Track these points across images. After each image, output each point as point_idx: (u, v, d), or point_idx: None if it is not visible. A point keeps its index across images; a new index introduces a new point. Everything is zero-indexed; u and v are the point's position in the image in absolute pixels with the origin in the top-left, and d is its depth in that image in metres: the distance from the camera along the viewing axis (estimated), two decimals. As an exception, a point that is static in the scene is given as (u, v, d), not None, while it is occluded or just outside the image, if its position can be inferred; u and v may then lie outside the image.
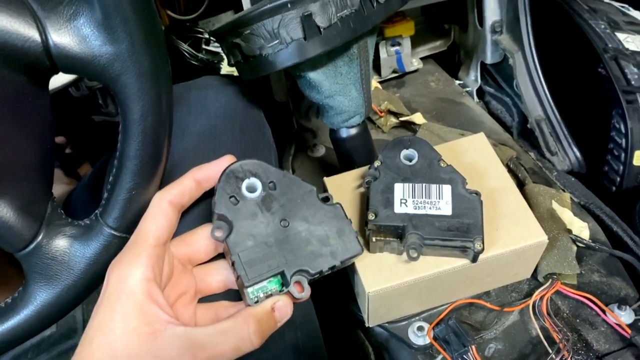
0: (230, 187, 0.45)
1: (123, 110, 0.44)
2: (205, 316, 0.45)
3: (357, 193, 0.62)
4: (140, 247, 0.41)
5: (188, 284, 0.45)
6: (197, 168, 0.46)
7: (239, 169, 0.46)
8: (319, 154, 0.88)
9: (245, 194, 0.45)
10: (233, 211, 0.45)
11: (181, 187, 0.45)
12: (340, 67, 0.61)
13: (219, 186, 0.45)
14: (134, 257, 0.40)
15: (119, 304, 0.38)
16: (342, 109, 0.64)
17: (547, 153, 0.83)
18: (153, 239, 0.41)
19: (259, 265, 0.43)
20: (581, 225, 0.69)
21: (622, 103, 0.79)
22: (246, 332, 0.40)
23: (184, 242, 0.46)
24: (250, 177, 0.46)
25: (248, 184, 0.46)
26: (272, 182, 0.46)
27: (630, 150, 0.79)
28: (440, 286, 0.58)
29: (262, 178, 0.46)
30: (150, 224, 0.42)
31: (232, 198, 0.45)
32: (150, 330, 0.38)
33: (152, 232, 0.42)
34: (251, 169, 0.46)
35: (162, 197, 0.44)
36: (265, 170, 0.47)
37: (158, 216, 0.43)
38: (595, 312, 0.61)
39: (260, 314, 0.41)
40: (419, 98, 0.98)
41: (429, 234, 0.53)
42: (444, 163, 0.57)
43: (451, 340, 0.58)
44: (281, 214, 0.46)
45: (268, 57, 0.55)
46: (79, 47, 0.40)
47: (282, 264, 0.44)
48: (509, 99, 0.95)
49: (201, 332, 0.39)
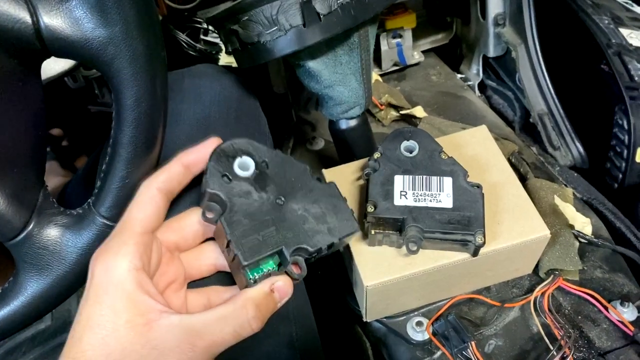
0: (222, 166, 0.44)
1: (116, 96, 0.43)
2: (197, 302, 0.44)
3: (357, 185, 0.61)
4: (127, 236, 0.39)
5: (177, 271, 0.44)
6: (185, 152, 0.44)
7: (231, 148, 0.44)
8: (318, 147, 0.86)
9: (238, 172, 0.44)
10: (226, 190, 0.43)
11: (169, 172, 0.42)
12: (340, 56, 0.59)
13: (210, 165, 0.43)
14: (120, 246, 0.38)
15: (107, 297, 0.37)
16: (341, 100, 0.63)
17: (549, 148, 0.82)
18: (140, 226, 0.40)
19: (256, 244, 0.42)
20: (584, 221, 0.68)
21: (625, 99, 0.78)
22: (245, 317, 0.39)
23: (171, 229, 0.44)
24: (242, 155, 0.44)
25: (240, 162, 0.44)
26: (265, 161, 0.45)
27: (632, 147, 0.78)
28: (440, 281, 0.57)
29: (255, 157, 0.45)
30: (136, 211, 0.40)
31: (225, 177, 0.43)
32: (144, 321, 0.36)
33: (139, 220, 0.40)
34: (243, 147, 0.45)
35: (150, 184, 0.42)
36: (257, 149, 0.45)
37: (146, 203, 0.41)
38: (597, 308, 0.60)
39: (258, 297, 0.40)
40: (420, 91, 0.97)
41: (429, 226, 0.52)
42: (445, 155, 0.56)
43: (450, 336, 0.57)
44: (276, 192, 0.44)
45: (266, 44, 0.54)
46: (71, 30, 0.39)
47: (280, 242, 0.43)
48: (511, 93, 0.94)
49: (198, 319, 0.38)
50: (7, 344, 0.69)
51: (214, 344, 0.38)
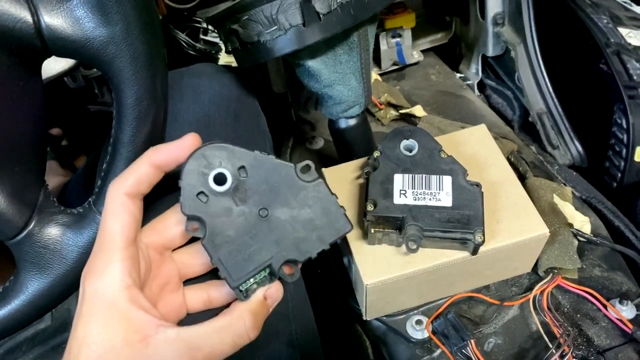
0: (195, 184, 0.40)
1: (117, 95, 0.43)
2: (197, 299, 0.44)
3: (356, 184, 0.61)
4: (110, 253, 0.37)
5: (170, 272, 0.43)
6: (154, 150, 0.40)
7: (202, 160, 0.41)
8: (318, 146, 0.87)
9: (214, 188, 0.41)
10: (204, 210, 0.40)
11: (136, 175, 0.39)
12: (339, 55, 0.60)
13: (183, 184, 0.40)
14: (106, 265, 0.37)
15: (101, 316, 0.36)
16: (341, 99, 0.63)
17: (548, 147, 0.82)
18: (121, 239, 0.38)
19: (243, 264, 0.41)
20: (582, 220, 0.68)
21: (624, 98, 0.78)
22: (243, 328, 0.39)
23: (156, 230, 0.42)
24: (216, 167, 0.41)
25: (216, 176, 0.41)
26: (243, 166, 0.42)
27: (631, 146, 0.78)
28: (439, 279, 0.57)
29: (230, 165, 0.41)
30: (113, 223, 0.38)
31: (201, 195, 0.41)
32: (140, 338, 0.36)
33: (118, 232, 0.38)
34: (217, 156, 0.41)
35: (117, 190, 0.39)
36: (232, 155, 0.41)
37: (119, 212, 0.38)
38: (596, 307, 0.60)
39: (254, 307, 0.40)
40: (420, 91, 0.97)
41: (428, 225, 0.53)
42: (444, 154, 0.56)
43: (450, 335, 0.57)
44: (258, 202, 0.42)
45: (266, 43, 0.54)
46: (71, 29, 0.39)
47: (268, 257, 0.41)
48: (510, 92, 0.94)
49: (196, 332, 0.38)
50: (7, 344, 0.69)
51: (213, 356, 0.38)
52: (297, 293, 0.54)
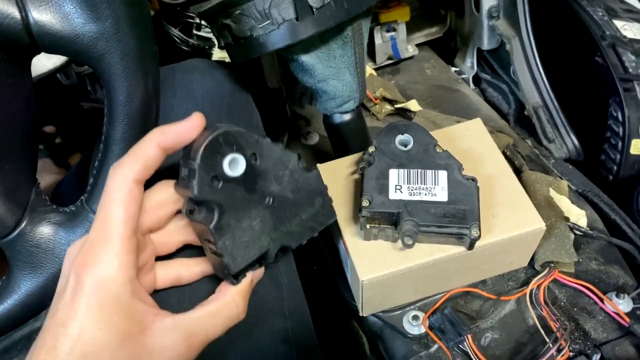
0: (211, 166, 0.39)
1: (108, 92, 0.42)
2: (165, 277, 0.43)
3: (352, 180, 0.61)
4: (114, 243, 0.35)
5: (149, 253, 0.41)
6: (161, 132, 0.38)
7: (220, 142, 0.39)
8: (313, 141, 0.86)
9: (227, 172, 0.40)
10: (215, 195, 0.39)
11: (145, 159, 0.37)
12: (333, 49, 0.59)
13: (199, 166, 0.38)
14: (109, 257, 0.35)
15: (104, 312, 0.35)
16: (335, 94, 0.63)
17: (544, 140, 0.82)
18: (125, 229, 0.36)
19: (245, 250, 0.41)
20: (579, 213, 0.68)
21: (619, 91, 0.77)
22: (235, 311, 0.40)
23: (144, 211, 0.39)
24: (232, 151, 0.40)
25: (231, 160, 0.40)
26: (254, 153, 0.41)
27: (627, 138, 0.78)
28: (435, 274, 0.57)
29: (245, 150, 0.40)
30: (118, 211, 0.36)
31: (214, 179, 0.39)
32: (139, 330, 0.35)
33: (122, 222, 0.36)
34: (231, 141, 0.40)
35: (126, 176, 0.36)
36: (247, 139, 0.40)
37: (127, 201, 0.36)
38: (593, 300, 0.60)
39: (245, 290, 0.41)
40: (415, 85, 0.97)
41: (424, 220, 0.52)
42: (439, 148, 0.56)
43: (447, 330, 0.57)
44: (264, 190, 0.41)
45: (259, 38, 0.54)
46: (60, 25, 0.39)
47: (267, 244, 0.42)
48: (505, 86, 0.94)
49: (191, 318, 0.38)
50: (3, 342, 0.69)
51: (207, 340, 0.38)
52: (293, 289, 0.53)
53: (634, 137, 0.78)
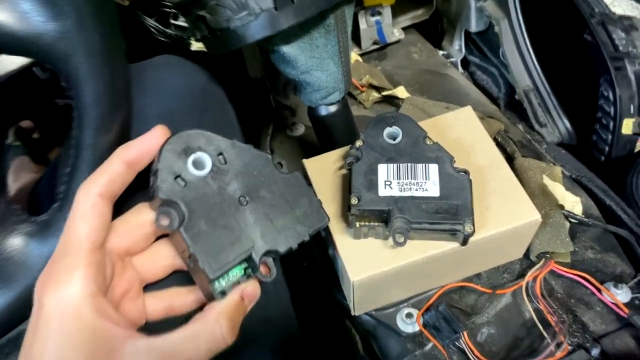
0: (174, 166, 0.38)
1: (76, 94, 0.40)
2: (157, 307, 0.41)
3: (339, 175, 0.58)
4: (76, 257, 0.34)
5: (131, 279, 0.40)
6: (125, 147, 0.38)
7: (181, 143, 0.39)
8: (299, 132, 0.83)
9: (193, 172, 0.39)
10: (182, 194, 0.38)
11: (109, 174, 0.37)
12: (316, 39, 0.56)
13: (159, 166, 0.38)
14: (70, 270, 0.34)
15: (63, 331, 0.32)
16: (320, 85, 0.60)
17: (536, 125, 0.80)
18: (88, 243, 0.35)
19: (223, 253, 0.38)
20: (574, 200, 0.66)
21: (610, 70, 0.76)
22: (219, 333, 0.36)
23: (119, 233, 0.39)
24: (195, 151, 0.39)
25: (195, 159, 0.39)
26: (222, 153, 0.41)
27: (618, 118, 0.76)
28: (428, 271, 0.55)
29: (210, 151, 0.40)
30: (81, 225, 0.35)
31: (178, 179, 0.38)
32: (106, 352, 0.33)
33: (85, 236, 0.35)
34: (195, 141, 0.40)
35: (89, 190, 0.36)
36: (211, 141, 0.40)
37: (89, 214, 0.35)
38: (590, 291, 0.59)
39: (230, 310, 0.37)
40: (402, 70, 0.94)
41: (415, 217, 0.50)
42: (430, 140, 0.54)
43: (442, 327, 0.56)
44: (238, 189, 0.40)
45: (236, 30, 0.50)
46: (19, 25, 0.36)
47: (249, 246, 0.39)
48: (495, 69, 0.91)
49: (169, 341, 0.35)
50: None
51: None
52: (280, 295, 0.51)
53: (626, 116, 0.76)
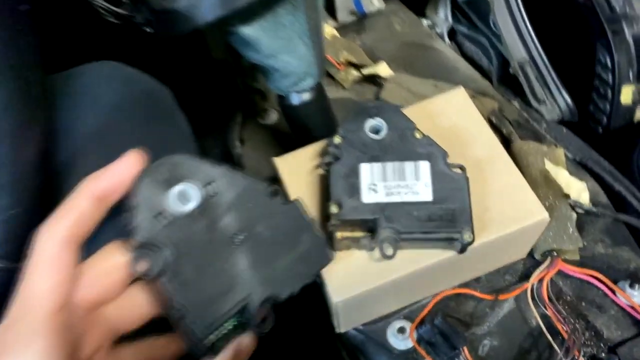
0: (153, 201, 0.32)
1: None
2: None
3: (316, 175, 0.50)
4: (35, 322, 0.28)
5: (102, 334, 0.33)
6: (93, 179, 0.32)
7: (162, 172, 0.33)
8: (272, 120, 0.75)
9: (176, 208, 0.33)
10: (163, 235, 0.32)
11: (75, 212, 0.31)
12: (281, 16, 0.48)
13: (137, 202, 0.32)
14: (28, 339, 0.28)
15: None
16: (289, 71, 0.52)
17: (533, 101, 0.72)
18: (50, 303, 0.29)
19: (213, 306, 0.32)
20: (579, 187, 0.59)
21: (607, 33, 0.69)
22: None
23: (86, 281, 0.32)
24: (180, 181, 0.33)
25: (179, 192, 0.33)
26: (210, 183, 0.34)
27: (617, 86, 0.69)
28: (421, 282, 0.49)
29: (196, 180, 0.34)
30: (41, 281, 0.29)
31: (159, 216, 0.32)
32: None
33: (46, 294, 0.29)
34: (179, 169, 0.33)
35: (52, 236, 0.30)
36: (197, 168, 0.34)
37: (51, 266, 0.29)
38: (603, 292, 0.53)
39: None
40: (383, 44, 0.85)
41: (406, 227, 0.43)
42: (419, 133, 0.46)
43: (438, 343, 0.49)
44: (230, 226, 0.34)
45: (182, 11, 0.42)
46: None
47: (244, 295, 0.33)
48: (485, 39, 0.83)
49: None
50: None
51: None
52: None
53: (624, 84, 0.69)
